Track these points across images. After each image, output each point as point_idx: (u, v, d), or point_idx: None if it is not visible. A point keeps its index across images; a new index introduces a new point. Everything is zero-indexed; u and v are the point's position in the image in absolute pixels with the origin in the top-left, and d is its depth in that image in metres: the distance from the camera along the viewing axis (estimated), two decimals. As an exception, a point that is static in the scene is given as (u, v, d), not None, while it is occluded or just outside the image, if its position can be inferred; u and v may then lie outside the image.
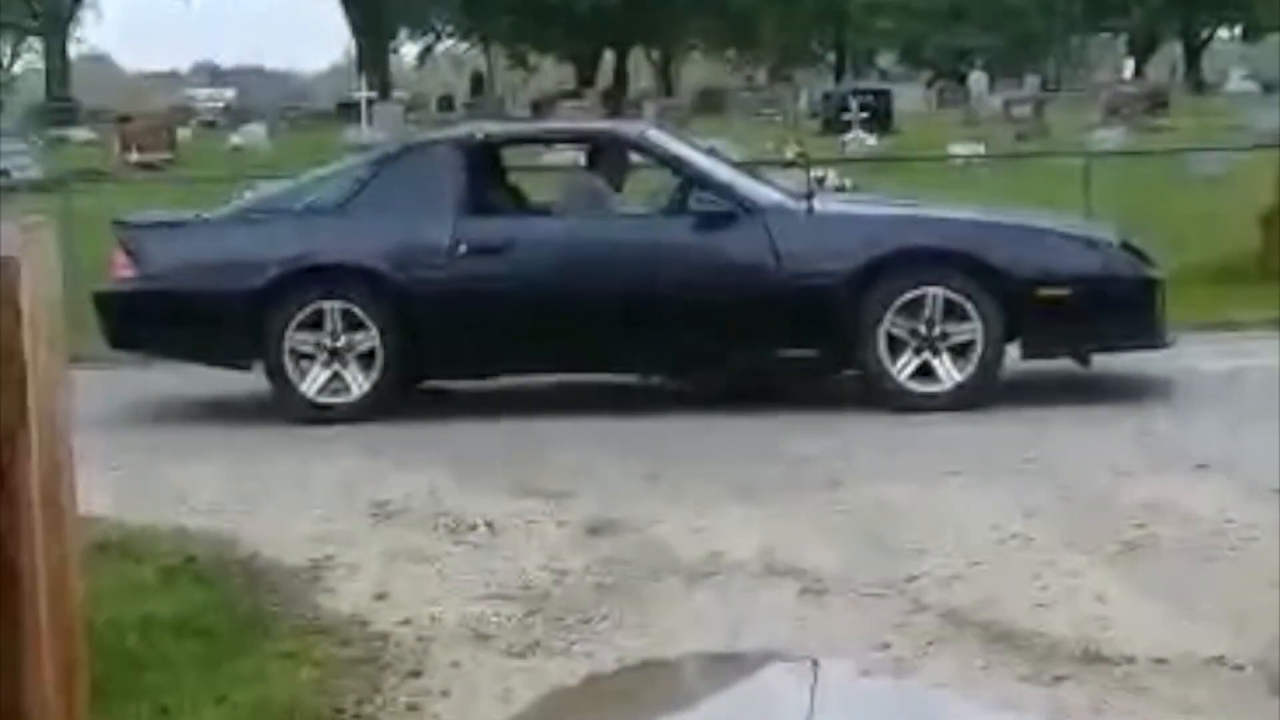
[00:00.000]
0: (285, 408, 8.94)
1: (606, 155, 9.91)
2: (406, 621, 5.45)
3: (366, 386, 8.98)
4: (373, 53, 61.15)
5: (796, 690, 5.09)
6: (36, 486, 2.56)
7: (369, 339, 9.02)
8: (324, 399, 9.00)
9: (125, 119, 39.47)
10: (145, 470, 7.67)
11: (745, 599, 5.66)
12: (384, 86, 54.89)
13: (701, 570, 5.97)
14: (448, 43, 69.66)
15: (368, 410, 8.89)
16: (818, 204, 9.39)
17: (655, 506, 6.88)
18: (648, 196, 10.06)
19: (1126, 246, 9.33)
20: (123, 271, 9.45)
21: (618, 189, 9.84)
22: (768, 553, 6.11)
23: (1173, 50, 67.89)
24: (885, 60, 68.69)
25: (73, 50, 63.05)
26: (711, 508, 6.84)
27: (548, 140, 16.31)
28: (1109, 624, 5.23)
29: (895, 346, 8.90)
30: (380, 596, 5.75)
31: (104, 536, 6.29)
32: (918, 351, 8.91)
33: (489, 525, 6.63)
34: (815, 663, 5.20)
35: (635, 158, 10.01)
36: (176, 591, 5.77)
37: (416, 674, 5.01)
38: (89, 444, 3.96)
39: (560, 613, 5.53)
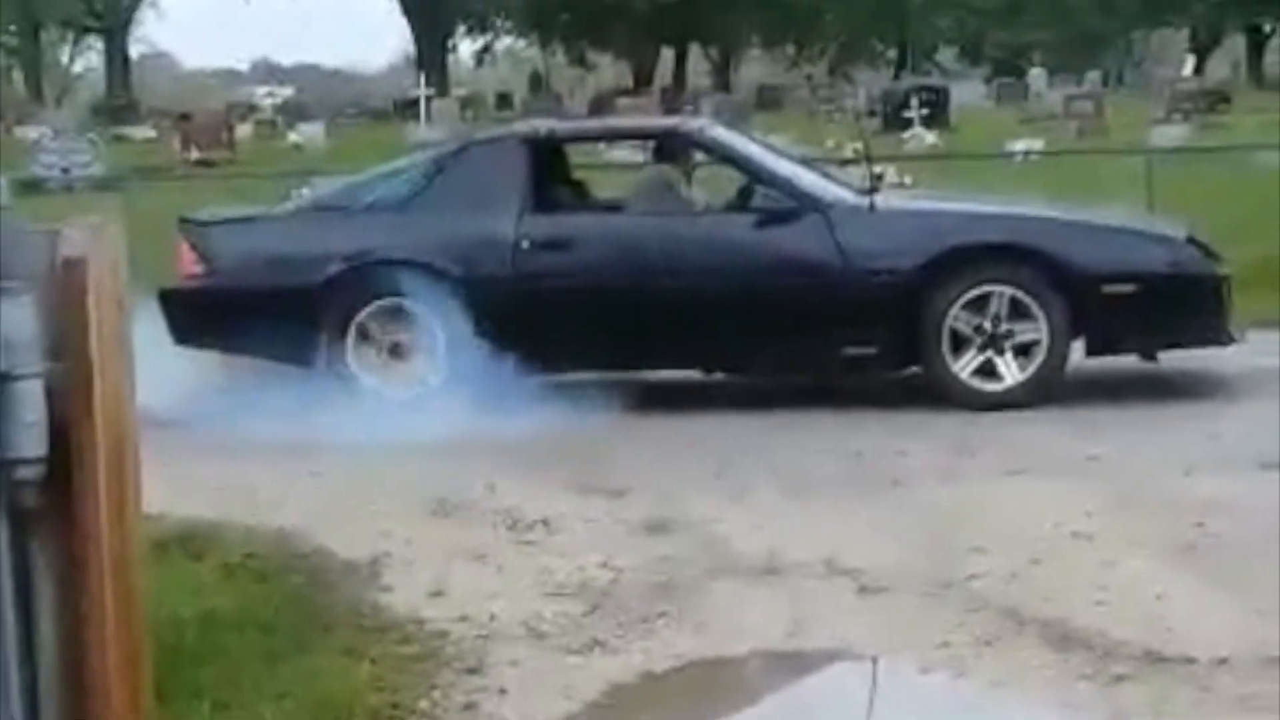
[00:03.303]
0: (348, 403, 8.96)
1: (669, 152, 9.90)
2: (464, 619, 5.46)
3: (435, 383, 8.98)
4: (431, 51, 61.30)
5: (856, 688, 5.08)
6: (102, 482, 2.59)
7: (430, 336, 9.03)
8: (390, 393, 9.01)
9: (185, 117, 39.66)
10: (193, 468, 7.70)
11: (805, 597, 5.65)
12: (442, 85, 54.99)
13: (761, 568, 5.95)
14: (506, 41, 69.73)
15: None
16: (880, 200, 9.35)
17: (715, 504, 6.86)
18: (710, 193, 10.03)
19: (1192, 242, 9.25)
20: (190, 269, 9.50)
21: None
22: (827, 550, 6.09)
23: (1235, 45, 67.33)
24: (944, 57, 68.39)
25: (133, 49, 63.55)
26: (771, 505, 6.83)
27: (610, 137, 16.33)
28: (1170, 623, 5.19)
29: (958, 344, 8.86)
30: (438, 593, 5.75)
31: (164, 532, 6.34)
32: (981, 349, 8.86)
33: (546, 523, 6.63)
34: (875, 660, 5.19)
35: (698, 155, 9.99)
36: (236, 588, 5.80)
37: (474, 671, 5.02)
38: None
39: (618, 611, 5.53)
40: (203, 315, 9.34)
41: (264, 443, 7.88)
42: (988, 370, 8.88)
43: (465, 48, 70.50)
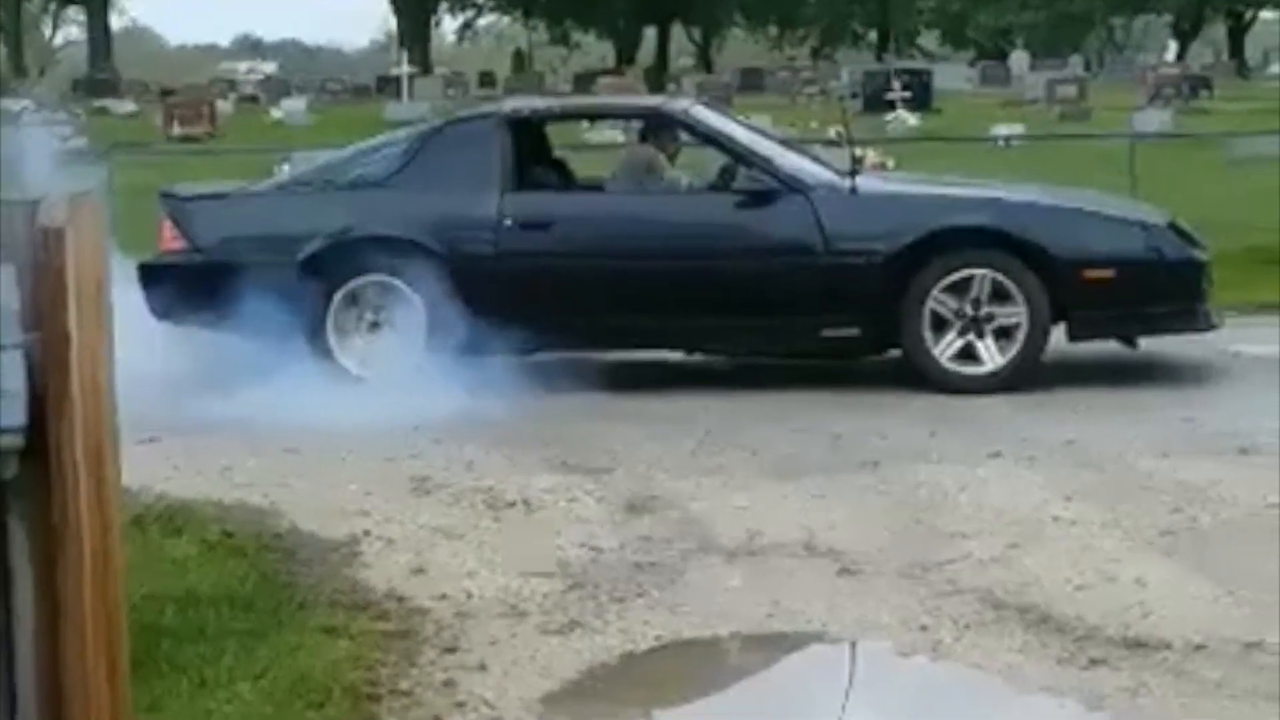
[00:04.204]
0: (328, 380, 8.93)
1: (652, 132, 9.89)
2: (443, 597, 5.46)
3: (415, 361, 8.94)
4: (413, 28, 61.15)
5: (834, 671, 5.09)
6: (81, 459, 2.56)
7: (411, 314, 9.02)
8: (371, 371, 8.99)
9: (167, 92, 39.57)
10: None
11: (784, 579, 5.65)
12: (425, 62, 54.89)
13: (741, 549, 5.95)
14: (489, 18, 69.65)
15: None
16: (863, 182, 9.35)
17: (694, 484, 6.86)
18: (692, 173, 10.02)
19: (1173, 228, 9.27)
20: (170, 244, 9.47)
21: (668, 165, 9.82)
22: (807, 532, 6.10)
23: (1216, 32, 67.43)
24: (928, 40, 68.37)
25: (114, 22, 63.29)
26: (750, 486, 6.83)
27: (593, 116, 16.26)
28: (1148, 608, 5.20)
29: (939, 326, 8.86)
30: (418, 571, 5.75)
31: (142, 510, 6.33)
32: (962, 332, 8.87)
33: (526, 502, 6.63)
34: (853, 644, 5.19)
35: (681, 135, 9.97)
36: (214, 566, 5.79)
37: (452, 649, 5.02)
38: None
39: (597, 590, 5.52)
40: (182, 290, 9.30)
41: (243, 420, 7.86)
42: (968, 353, 8.88)
43: (448, 25, 70.38)
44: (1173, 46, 61.13)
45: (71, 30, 64.34)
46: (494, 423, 7.94)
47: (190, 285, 9.27)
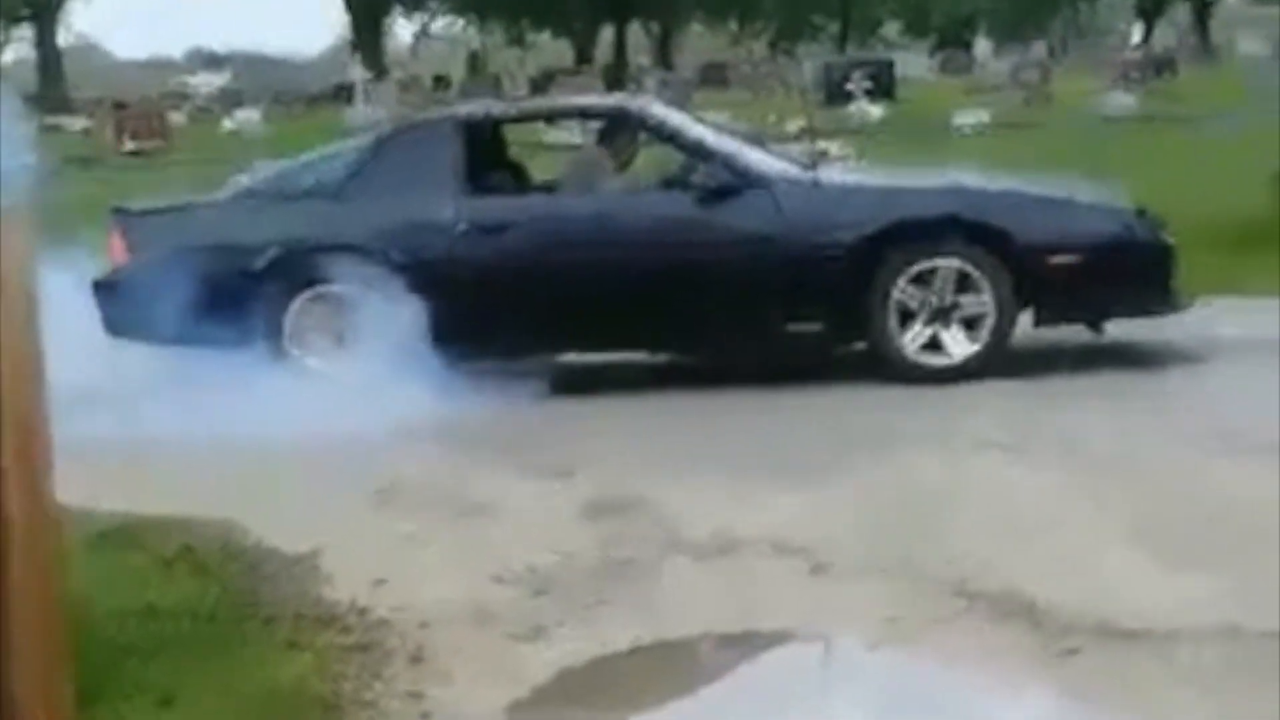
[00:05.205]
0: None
1: (611, 130, 9.82)
2: (407, 607, 5.38)
3: (373, 370, 8.86)
4: (367, 34, 61.03)
5: (808, 668, 5.03)
6: (13, 475, 2.52)
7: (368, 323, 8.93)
8: (328, 381, 8.88)
9: (119, 106, 39.45)
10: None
11: (755, 578, 5.58)
12: (379, 68, 54.78)
13: (711, 549, 5.89)
14: (443, 21, 69.46)
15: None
16: (824, 175, 9.29)
17: (662, 484, 6.79)
18: (652, 170, 9.97)
19: (1139, 213, 9.24)
20: (119, 258, 9.38)
21: (625, 164, 9.76)
22: (777, 530, 6.03)
23: (1179, 13, 67.69)
24: (889, 30, 68.52)
25: (63, 38, 62.93)
26: (720, 484, 6.76)
27: (550, 116, 16.20)
28: (1127, 596, 5.15)
29: (905, 318, 8.81)
30: (381, 581, 5.66)
31: (103, 525, 6.25)
32: (928, 323, 8.82)
33: (491, 507, 6.55)
34: (826, 641, 5.14)
35: (640, 133, 9.91)
36: (176, 581, 5.71)
37: (417, 660, 4.94)
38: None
39: (565, 594, 5.45)
40: (135, 306, 9.20)
41: (202, 433, 7.77)
42: (935, 344, 8.83)
43: (402, 29, 70.30)
44: (1139, 28, 61.35)
45: (21, 47, 63.93)
46: (456, 428, 7.88)
47: (144, 300, 9.17)
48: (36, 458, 2.57)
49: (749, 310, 8.97)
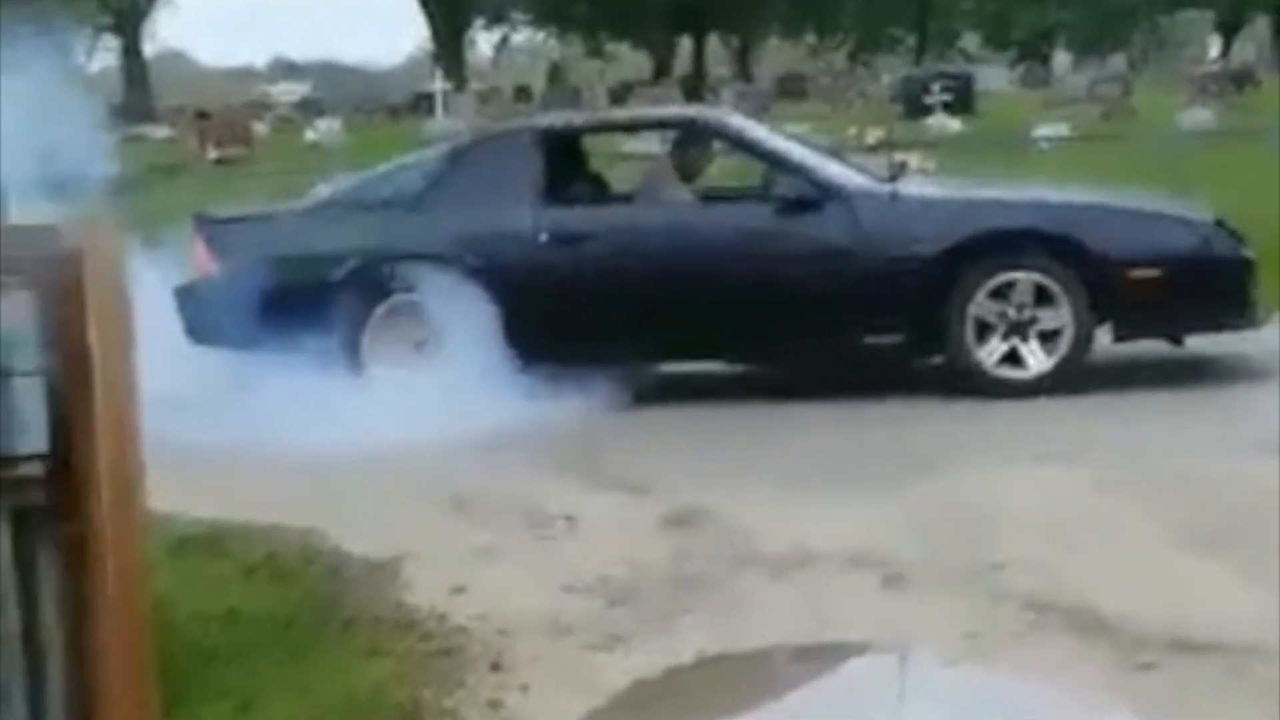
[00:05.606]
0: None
1: (688, 141, 9.84)
2: (486, 616, 5.41)
3: (452, 379, 8.90)
4: (448, 45, 61.30)
5: (884, 682, 5.02)
6: (106, 483, 2.56)
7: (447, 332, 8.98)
8: (407, 389, 8.93)
9: (203, 115, 39.75)
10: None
11: (829, 591, 5.58)
12: (460, 79, 55.01)
13: (785, 562, 5.89)
14: (524, 33, 69.76)
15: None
16: (903, 187, 9.28)
17: (736, 497, 6.79)
18: (731, 182, 9.98)
19: (1219, 226, 9.17)
20: (205, 266, 9.47)
21: (700, 175, 9.77)
22: (851, 543, 6.02)
23: (1258, 27, 67.03)
24: (968, 42, 68.20)
25: (148, 48, 63.54)
26: (792, 497, 6.76)
27: (628, 127, 16.24)
28: (1196, 611, 5.12)
29: (982, 331, 8.78)
30: (459, 590, 5.70)
31: (187, 531, 6.31)
32: (1005, 337, 8.79)
33: (568, 518, 6.57)
34: (903, 654, 5.13)
35: (718, 145, 9.93)
36: (257, 587, 5.76)
37: (497, 668, 4.97)
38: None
39: (640, 605, 5.47)
40: (218, 313, 9.29)
41: (281, 441, 7.83)
42: (1012, 357, 8.80)
43: (483, 41, 70.53)
44: (1217, 41, 60.75)
45: (106, 57, 64.56)
46: (534, 438, 7.89)
47: (225, 307, 9.26)
48: (129, 466, 2.61)
49: (827, 322, 8.96)
